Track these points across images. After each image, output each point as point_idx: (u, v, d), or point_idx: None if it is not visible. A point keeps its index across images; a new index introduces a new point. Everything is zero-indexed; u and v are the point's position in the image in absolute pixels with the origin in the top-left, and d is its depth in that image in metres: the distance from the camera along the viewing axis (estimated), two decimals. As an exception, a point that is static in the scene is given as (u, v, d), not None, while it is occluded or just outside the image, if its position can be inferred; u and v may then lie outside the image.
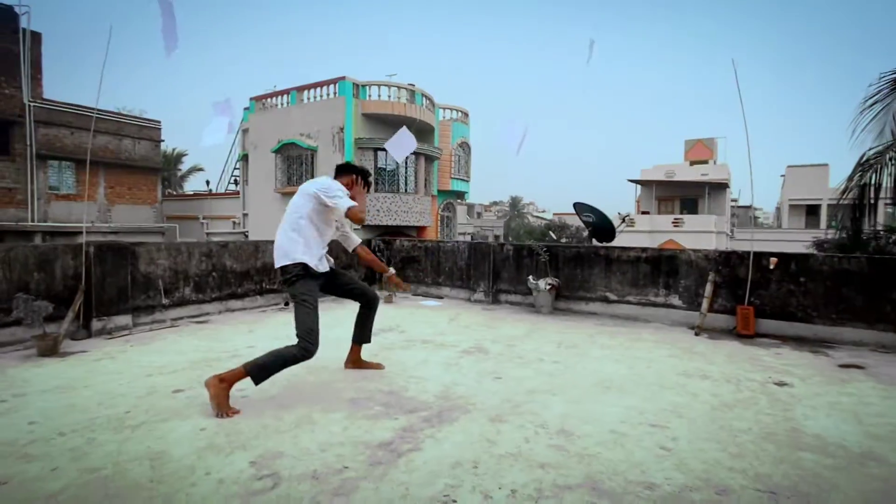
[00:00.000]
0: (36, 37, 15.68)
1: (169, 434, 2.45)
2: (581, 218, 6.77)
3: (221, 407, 2.68)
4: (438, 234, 19.23)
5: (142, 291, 5.00)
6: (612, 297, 5.88)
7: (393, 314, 5.84)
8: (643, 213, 31.18)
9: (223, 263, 5.80)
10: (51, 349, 3.91)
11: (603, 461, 2.24)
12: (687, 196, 31.04)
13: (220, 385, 2.71)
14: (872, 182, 6.24)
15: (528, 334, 4.86)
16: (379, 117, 16.92)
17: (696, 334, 4.95)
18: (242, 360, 3.77)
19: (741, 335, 4.89)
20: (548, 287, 5.91)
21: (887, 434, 2.61)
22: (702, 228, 27.19)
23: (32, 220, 15.82)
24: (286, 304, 6.46)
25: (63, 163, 16.73)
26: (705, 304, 5.10)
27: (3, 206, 15.31)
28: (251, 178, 19.45)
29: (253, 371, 2.77)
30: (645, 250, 5.76)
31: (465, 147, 20.78)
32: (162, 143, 19.81)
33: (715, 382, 3.41)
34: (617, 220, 7.55)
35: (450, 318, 5.61)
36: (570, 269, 6.17)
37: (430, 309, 6.27)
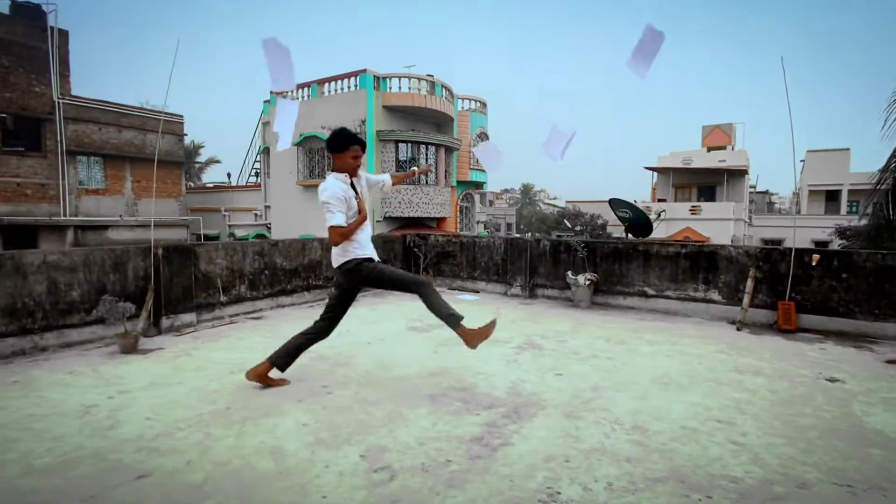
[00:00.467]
0: (63, 34, 15.94)
1: (275, 429, 2.67)
2: (616, 214, 6.89)
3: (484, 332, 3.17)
4: (458, 224, 19.40)
5: (203, 290, 5.25)
6: (651, 291, 6.02)
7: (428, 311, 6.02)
8: (660, 200, 31.01)
9: (274, 261, 6.03)
10: (132, 346, 4.17)
11: (683, 456, 2.42)
12: (704, 183, 30.76)
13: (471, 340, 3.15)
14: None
15: (574, 329, 5.03)
16: (400, 109, 17.01)
17: (738, 329, 5.08)
18: (310, 356, 4.01)
19: (783, 330, 5.02)
20: (587, 282, 6.06)
21: (946, 430, 2.76)
22: (720, 216, 27.00)
23: (64, 215, 16.24)
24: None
25: (92, 158, 17.09)
26: (747, 300, 5.23)
27: (37, 202, 15.74)
28: (273, 171, 19.71)
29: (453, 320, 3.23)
30: (685, 246, 5.87)
31: (484, 137, 20.79)
32: (185, 136, 20.10)
33: (769, 378, 3.56)
34: (653, 216, 7.63)
35: (491, 313, 5.78)
36: (608, 264, 6.31)
37: (468, 304, 6.46)
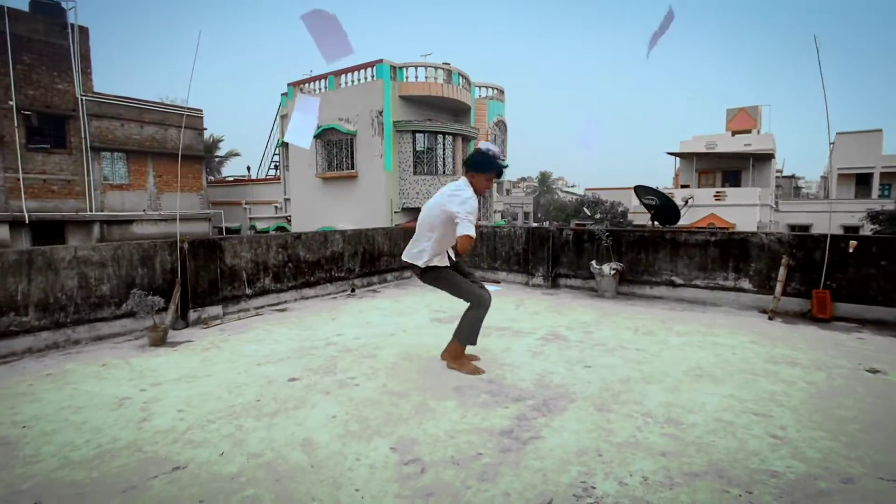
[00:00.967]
0: (84, 31, 16.19)
1: (305, 421, 2.68)
2: (642, 201, 6.74)
3: (467, 368, 3.40)
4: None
5: (228, 283, 5.31)
6: (679, 280, 5.89)
7: (453, 301, 5.99)
8: (683, 186, 30.35)
9: (297, 254, 6.07)
10: (161, 339, 4.24)
11: (720, 449, 2.36)
12: (729, 168, 30.02)
13: (453, 361, 3.45)
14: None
15: (600, 320, 4.95)
16: (416, 99, 16.89)
17: (770, 318, 4.94)
18: (336, 348, 4.05)
19: (817, 319, 4.86)
20: (612, 272, 5.96)
21: None
22: (745, 201, 26.31)
23: (90, 210, 16.63)
24: (352, 290, 6.73)
25: (115, 154, 17.42)
26: (779, 288, 5.07)
27: (63, 197, 16.14)
28: (292, 164, 19.84)
29: (462, 338, 3.43)
30: (714, 234, 5.72)
31: (502, 125, 20.58)
32: (205, 130, 20.33)
33: (805, 369, 3.45)
34: (680, 203, 7.44)
35: (516, 304, 5.75)
36: (634, 253, 6.19)
37: (492, 295, 6.41)
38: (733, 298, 5.54)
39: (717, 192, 27.60)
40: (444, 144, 17.08)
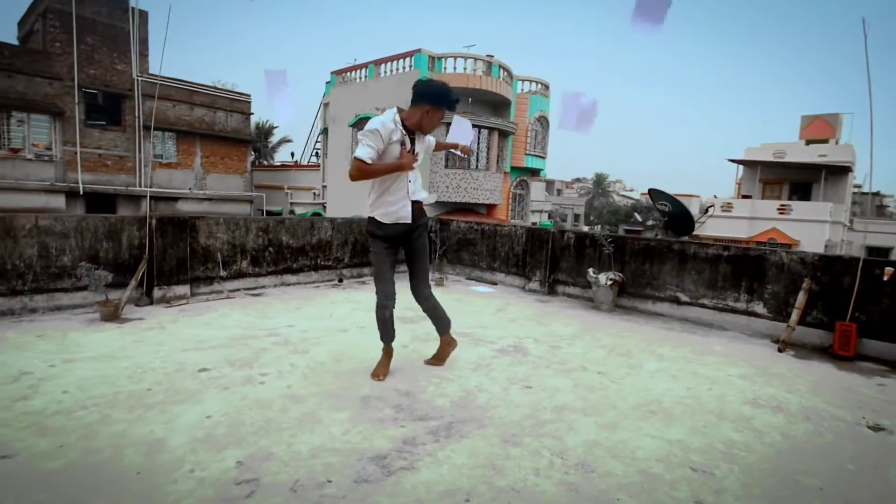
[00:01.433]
0: (143, 15, 17.04)
1: (176, 419, 2.46)
2: (656, 207, 6.09)
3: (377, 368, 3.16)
4: (509, 212, 18.74)
5: (201, 263, 5.24)
6: (684, 298, 5.24)
7: (439, 299, 5.64)
8: (744, 196, 28.21)
9: (279, 239, 5.93)
10: (112, 314, 4.20)
11: (621, 512, 1.90)
12: (799, 180, 27.56)
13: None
14: None
15: (579, 335, 4.46)
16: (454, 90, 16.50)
17: (780, 350, 4.26)
18: (274, 340, 3.83)
19: (838, 356, 4.13)
20: (609, 283, 5.40)
21: None
22: (813, 217, 24.07)
23: (140, 186, 17.54)
24: (340, 280, 6.54)
25: (166, 133, 18.28)
26: (795, 316, 4.36)
27: (115, 172, 17.12)
28: (330, 152, 20.08)
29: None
30: (727, 248, 5.03)
31: (544, 121, 19.81)
32: (251, 115, 20.97)
33: (790, 418, 2.85)
34: (697, 213, 6.70)
35: (497, 309, 5.33)
36: (638, 263, 5.58)
37: (479, 296, 6.02)
38: (744, 323, 4.85)
39: (782, 206, 25.40)
40: (479, 138, 16.64)
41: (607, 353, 3.96)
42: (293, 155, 29.84)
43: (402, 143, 2.88)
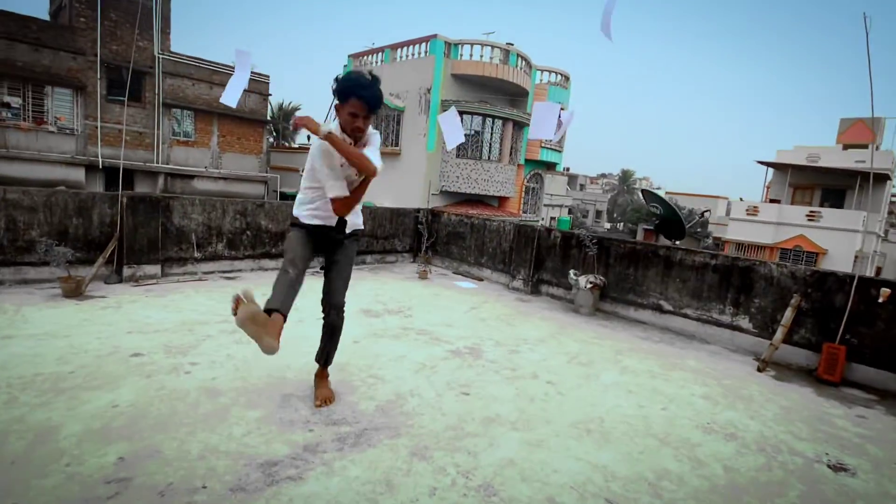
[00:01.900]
0: (167, -7, 17.13)
1: (81, 406, 2.38)
2: (648, 208, 5.78)
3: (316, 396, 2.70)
4: (521, 205, 18.38)
5: (175, 244, 5.20)
6: (667, 306, 4.97)
7: (415, 293, 5.52)
8: (772, 201, 27.11)
9: (258, 223, 5.86)
10: (73, 291, 4.18)
11: (507, 546, 1.74)
12: (832, 186, 26.32)
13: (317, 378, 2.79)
14: None
15: (546, 339, 4.26)
16: (469, 78, 16.19)
17: (760, 369, 3.98)
18: (223, 327, 3.73)
19: (821, 380, 3.83)
20: (589, 286, 5.16)
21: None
22: (844, 226, 22.99)
23: (157, 162, 17.82)
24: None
25: (184, 111, 18.48)
26: (780, 333, 4.07)
27: (134, 148, 17.41)
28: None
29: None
30: (715, 256, 4.73)
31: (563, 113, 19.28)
32: (270, 96, 21.01)
33: (741, 449, 2.62)
34: (695, 219, 6.36)
35: (471, 307, 5.15)
36: (622, 266, 5.32)
37: (459, 292, 5.85)
38: (728, 337, 4.56)
39: (811, 212, 24.30)
40: (492, 129, 16.30)
41: (567, 360, 3.76)
42: (309, 138, 29.88)
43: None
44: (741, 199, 30.38)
